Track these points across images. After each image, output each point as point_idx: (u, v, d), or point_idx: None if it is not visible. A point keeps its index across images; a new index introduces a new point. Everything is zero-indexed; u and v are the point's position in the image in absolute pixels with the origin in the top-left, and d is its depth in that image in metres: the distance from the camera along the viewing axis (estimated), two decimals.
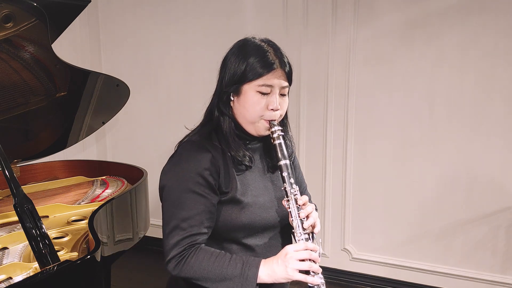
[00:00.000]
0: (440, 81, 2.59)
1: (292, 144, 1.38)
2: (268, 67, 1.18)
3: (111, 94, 2.31)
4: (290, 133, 1.36)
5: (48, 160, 2.49)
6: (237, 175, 1.24)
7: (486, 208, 2.61)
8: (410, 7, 2.59)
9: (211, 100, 1.29)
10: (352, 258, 2.98)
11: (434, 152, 2.67)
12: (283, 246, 1.21)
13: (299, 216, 1.19)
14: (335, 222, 2.98)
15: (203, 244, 1.19)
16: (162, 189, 1.23)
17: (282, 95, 1.23)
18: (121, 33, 3.43)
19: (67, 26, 1.91)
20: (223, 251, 1.18)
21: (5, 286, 1.24)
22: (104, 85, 2.23)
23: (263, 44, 1.22)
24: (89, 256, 1.35)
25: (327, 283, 1.18)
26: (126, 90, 2.35)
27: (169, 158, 1.27)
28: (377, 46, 2.70)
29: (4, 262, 1.48)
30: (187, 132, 1.32)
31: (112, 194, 2.17)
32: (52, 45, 1.84)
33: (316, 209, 1.49)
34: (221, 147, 1.24)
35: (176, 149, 1.29)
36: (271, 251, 1.25)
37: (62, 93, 2.10)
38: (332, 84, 2.83)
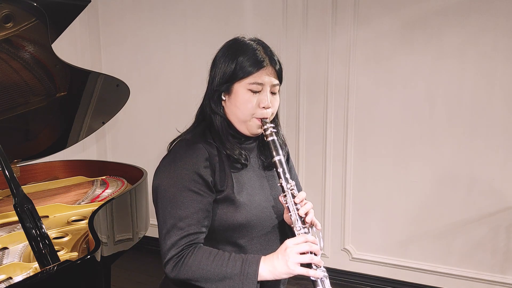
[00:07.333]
0: (440, 81, 2.59)
1: (285, 143, 1.36)
2: (258, 65, 1.18)
3: (111, 94, 2.31)
4: (281, 133, 1.34)
5: (48, 160, 2.49)
6: (232, 173, 1.23)
7: (486, 208, 2.61)
8: (409, 7, 2.59)
9: (202, 102, 1.29)
10: (352, 258, 2.98)
11: (434, 152, 2.67)
12: (279, 245, 1.18)
13: (297, 211, 1.17)
14: (335, 222, 2.98)
15: (201, 244, 1.16)
16: (156, 188, 1.20)
17: (273, 93, 1.23)
18: (121, 33, 3.43)
19: (67, 26, 1.91)
20: (221, 250, 1.16)
21: (5, 286, 1.24)
22: (104, 85, 2.23)
23: (252, 42, 1.23)
24: (89, 256, 1.35)
25: None
26: (126, 90, 2.35)
27: (163, 158, 1.24)
28: (377, 46, 2.70)
29: (4, 262, 1.48)
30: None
31: (112, 194, 2.17)
32: (52, 45, 1.84)
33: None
34: (216, 145, 1.23)
35: (169, 149, 1.27)
36: (267, 251, 1.21)
37: (62, 93, 2.10)
38: (332, 84, 2.83)
